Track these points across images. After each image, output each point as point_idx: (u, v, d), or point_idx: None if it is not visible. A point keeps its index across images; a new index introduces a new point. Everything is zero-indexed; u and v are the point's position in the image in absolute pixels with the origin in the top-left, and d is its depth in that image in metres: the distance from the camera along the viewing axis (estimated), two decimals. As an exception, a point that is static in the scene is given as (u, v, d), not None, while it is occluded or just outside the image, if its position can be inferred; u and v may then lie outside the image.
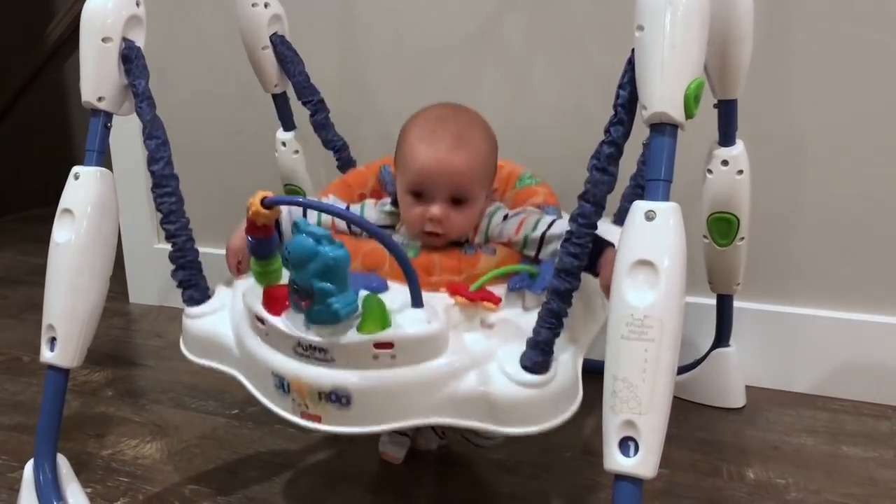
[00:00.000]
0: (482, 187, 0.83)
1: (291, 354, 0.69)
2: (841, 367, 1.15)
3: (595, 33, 1.17)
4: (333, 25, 1.32)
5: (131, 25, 0.84)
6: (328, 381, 0.67)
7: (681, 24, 0.60)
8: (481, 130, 0.84)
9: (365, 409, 0.67)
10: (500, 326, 0.72)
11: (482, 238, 0.84)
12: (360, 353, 0.66)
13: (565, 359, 0.70)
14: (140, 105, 0.83)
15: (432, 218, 0.80)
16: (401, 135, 0.85)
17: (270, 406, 0.72)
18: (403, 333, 0.66)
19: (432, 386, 0.67)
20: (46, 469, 0.84)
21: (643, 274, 0.61)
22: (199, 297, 0.83)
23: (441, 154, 0.79)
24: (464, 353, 0.69)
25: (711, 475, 0.97)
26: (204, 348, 0.81)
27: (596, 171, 0.66)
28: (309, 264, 0.64)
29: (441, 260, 0.79)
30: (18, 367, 1.33)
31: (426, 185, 0.80)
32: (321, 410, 0.68)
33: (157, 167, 0.82)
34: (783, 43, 1.09)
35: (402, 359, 0.67)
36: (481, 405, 0.67)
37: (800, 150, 1.12)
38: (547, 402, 0.68)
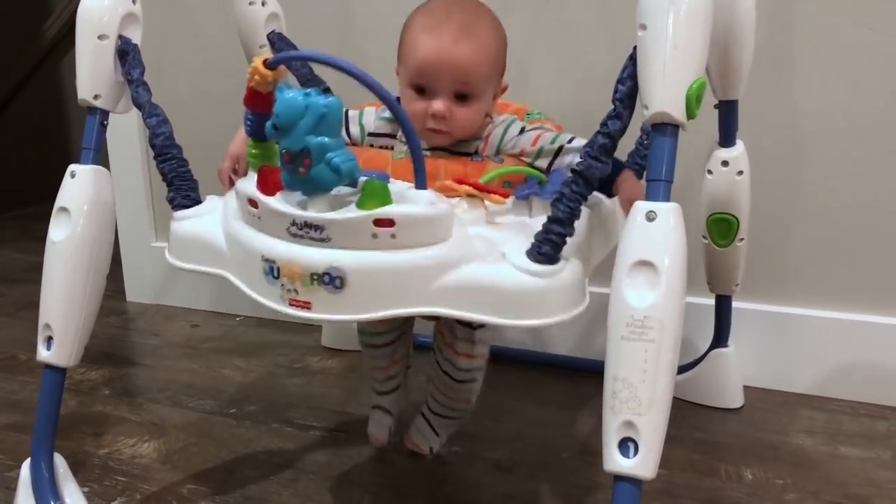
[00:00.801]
0: (488, 83, 0.79)
1: (284, 236, 0.65)
2: (839, 368, 1.15)
3: (594, 32, 1.17)
4: (331, 23, 1.32)
5: (127, 23, 0.83)
6: (322, 261, 0.63)
7: (683, 24, 0.60)
8: (489, 22, 0.79)
9: (359, 294, 0.64)
10: (507, 227, 0.70)
11: (493, 150, 0.81)
12: (359, 230, 0.63)
13: (574, 260, 0.67)
14: (136, 90, 0.82)
15: (434, 114, 0.76)
16: (404, 26, 0.80)
17: (256, 297, 0.68)
18: (406, 210, 0.63)
19: (433, 271, 0.64)
20: (43, 468, 0.84)
21: (643, 274, 0.61)
22: (188, 203, 0.80)
23: (444, 45, 0.75)
24: (468, 240, 0.66)
25: (710, 475, 0.97)
26: (191, 251, 0.77)
27: (589, 158, 0.65)
28: (300, 121, 0.61)
29: (447, 166, 0.76)
30: (15, 365, 1.32)
31: (429, 78, 0.76)
32: (312, 295, 0.64)
33: (158, 140, 0.81)
34: (784, 44, 1.09)
35: (403, 239, 0.63)
36: (484, 295, 0.64)
37: (799, 152, 1.12)
38: (554, 293, 0.64)
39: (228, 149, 0.83)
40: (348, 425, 1.10)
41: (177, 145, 0.82)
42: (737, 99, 0.93)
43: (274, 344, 1.38)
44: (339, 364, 1.30)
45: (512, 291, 0.64)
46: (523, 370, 1.25)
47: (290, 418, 1.12)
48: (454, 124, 0.78)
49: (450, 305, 0.64)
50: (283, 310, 0.66)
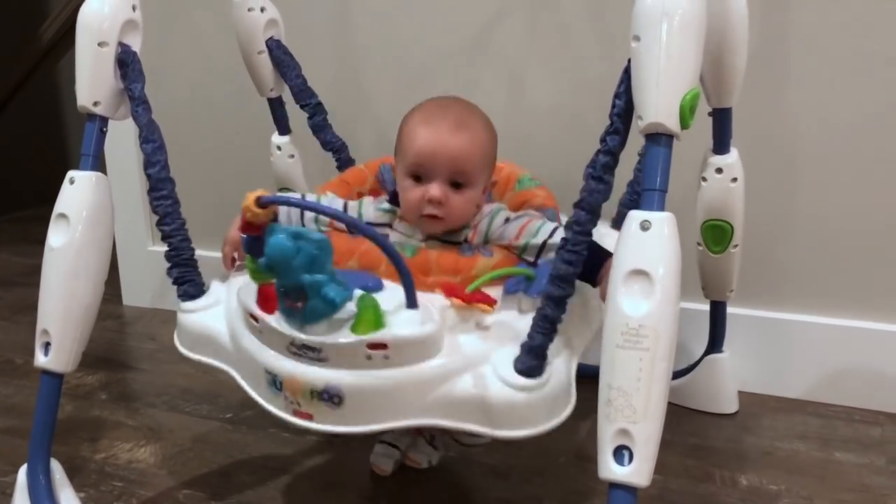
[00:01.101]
0: (481, 173, 0.83)
1: (285, 353, 0.69)
2: (833, 373, 1.16)
3: (590, 40, 1.18)
4: (329, 31, 1.32)
5: (127, 30, 0.84)
6: (320, 380, 0.67)
7: (677, 34, 0.61)
8: (481, 119, 0.85)
9: (357, 409, 0.68)
10: (496, 329, 0.72)
11: (481, 239, 0.84)
12: (354, 353, 0.66)
13: (559, 363, 0.70)
14: (136, 109, 0.83)
15: (431, 199, 0.80)
16: (401, 124, 0.85)
17: (263, 403, 0.73)
18: (397, 335, 0.67)
19: (425, 387, 0.68)
20: (40, 473, 0.84)
21: (638, 283, 0.61)
22: (193, 292, 0.83)
23: (441, 135, 0.80)
24: (458, 354, 0.69)
25: (704, 481, 0.97)
26: (198, 343, 0.81)
27: (592, 180, 0.66)
28: (293, 262, 0.63)
29: (438, 260, 0.79)
30: (11, 369, 1.32)
31: (426, 165, 0.81)
32: (313, 409, 0.68)
33: (153, 171, 0.83)
34: (778, 52, 1.10)
35: (396, 359, 0.67)
36: (474, 407, 0.68)
37: (793, 158, 1.13)
38: (540, 405, 0.68)
39: (228, 235, 0.85)
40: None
41: (170, 179, 0.83)
42: (731, 106, 0.94)
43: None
44: (335, 369, 1.30)
45: (499, 406, 0.67)
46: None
47: (286, 424, 1.12)
48: (449, 210, 0.81)
49: (442, 417, 0.68)
50: (289, 419, 0.70)
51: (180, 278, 0.83)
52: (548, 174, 1.00)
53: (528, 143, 1.18)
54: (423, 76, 1.28)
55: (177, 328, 0.84)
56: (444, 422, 0.68)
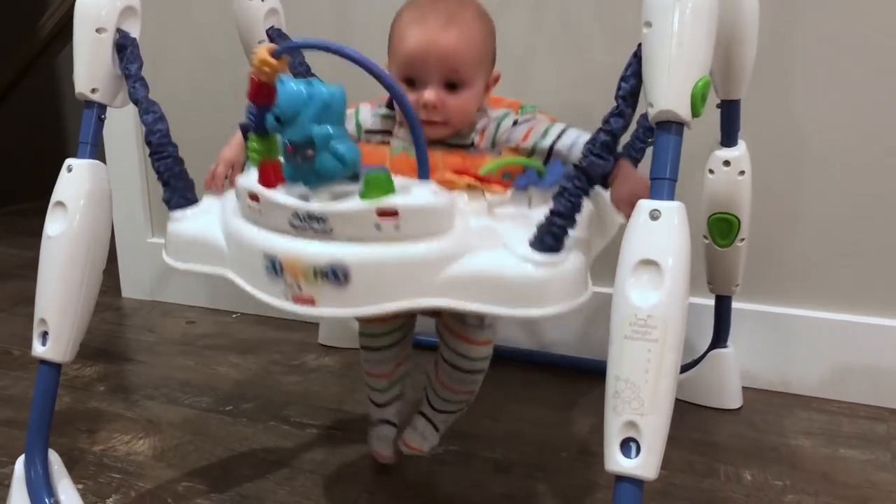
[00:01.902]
0: (478, 70, 0.78)
1: (286, 230, 0.64)
2: (838, 369, 1.15)
3: (595, 31, 1.17)
4: (330, 19, 1.31)
5: (126, 16, 0.83)
6: (325, 256, 0.62)
7: (689, 21, 0.60)
8: (474, 11, 0.80)
9: (363, 287, 0.63)
10: (508, 216, 0.70)
11: (489, 143, 0.80)
12: (362, 222, 0.62)
13: (576, 251, 0.66)
14: (133, 85, 0.81)
15: (426, 103, 0.76)
16: (392, 22, 0.81)
17: (259, 295, 0.67)
18: (409, 201, 0.62)
19: (438, 263, 0.63)
20: (38, 465, 0.83)
21: (647, 274, 0.60)
22: (185, 202, 0.79)
23: (431, 34, 0.75)
24: (471, 231, 0.66)
25: (708, 476, 0.96)
26: (189, 251, 0.76)
27: (591, 155, 0.64)
28: (304, 110, 0.60)
29: (444, 158, 0.76)
30: (9, 361, 1.31)
31: (417, 68, 0.76)
32: (315, 291, 0.63)
33: (154, 137, 0.80)
34: (787, 45, 1.09)
35: (407, 231, 0.62)
36: (489, 285, 0.63)
37: (801, 152, 1.12)
38: (557, 283, 0.64)
39: (223, 153, 0.82)
40: (345, 423, 1.09)
41: (173, 143, 0.81)
42: (739, 99, 0.93)
43: (270, 341, 1.37)
44: (335, 361, 1.29)
45: (515, 281, 0.63)
46: (522, 370, 1.24)
47: (286, 416, 1.11)
48: (447, 113, 0.77)
49: (454, 297, 0.64)
50: (288, 307, 0.65)
51: (172, 189, 0.79)
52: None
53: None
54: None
55: (166, 239, 0.79)
56: (456, 303, 0.64)
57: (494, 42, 0.82)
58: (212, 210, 0.77)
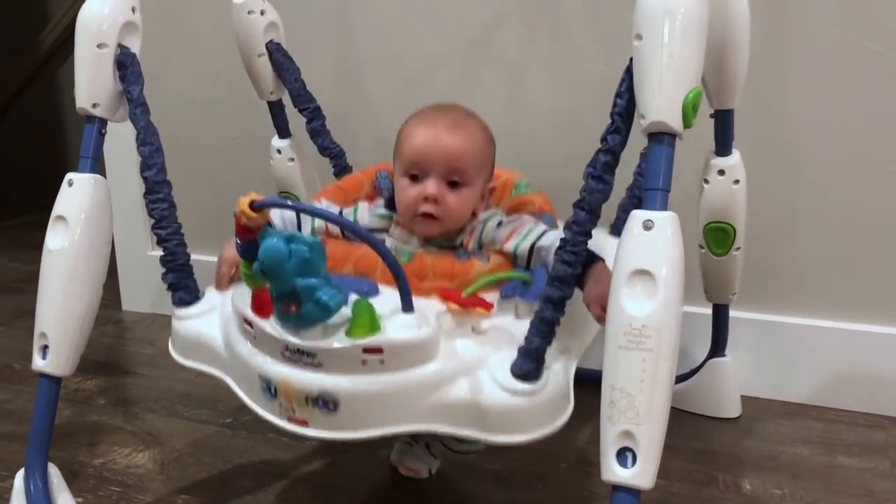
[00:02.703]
0: (478, 173, 0.83)
1: (279, 358, 0.69)
2: (836, 378, 1.15)
3: (590, 42, 1.17)
4: (329, 34, 1.32)
5: (127, 31, 0.84)
6: (315, 386, 0.66)
7: (679, 33, 0.60)
8: (478, 121, 0.86)
9: (352, 415, 0.67)
10: (492, 334, 0.72)
11: (476, 244, 0.84)
12: (349, 358, 0.66)
13: (557, 368, 0.70)
14: (134, 111, 0.82)
15: (427, 196, 0.80)
16: (400, 129, 0.86)
17: (257, 410, 0.72)
18: (392, 339, 0.66)
19: (421, 392, 0.67)
20: (37, 478, 0.83)
21: (641, 283, 0.61)
22: (188, 298, 0.83)
23: (438, 133, 0.81)
24: (454, 359, 0.68)
25: (707, 485, 0.96)
26: (192, 350, 0.81)
27: (592, 180, 0.65)
28: (285, 265, 0.63)
29: (434, 265, 0.78)
30: (9, 374, 1.31)
31: (423, 163, 0.81)
32: (308, 415, 0.68)
33: (149, 173, 0.82)
34: (780, 53, 1.10)
35: (392, 364, 0.66)
36: (471, 413, 0.67)
37: (796, 161, 1.13)
38: (537, 411, 0.68)
39: (224, 255, 0.84)
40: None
41: (167, 182, 0.83)
42: (732, 108, 0.94)
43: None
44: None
45: (497, 411, 0.67)
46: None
47: (286, 431, 1.11)
48: (445, 209, 0.81)
49: (438, 423, 0.68)
50: (283, 425, 0.70)
51: (175, 284, 0.83)
52: (548, 176, 1.00)
53: (529, 144, 1.18)
54: (423, 79, 1.27)
55: (171, 335, 0.84)
56: (441, 427, 0.68)
57: (494, 154, 0.87)
58: (214, 308, 0.81)
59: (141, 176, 0.83)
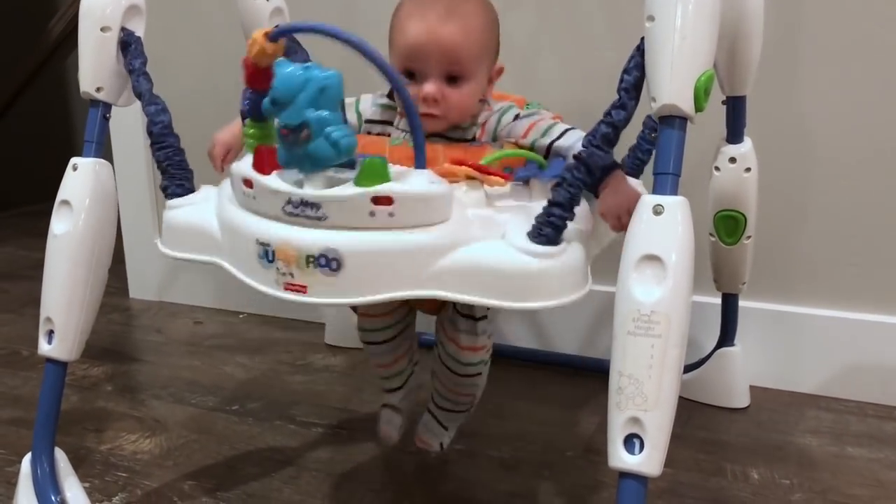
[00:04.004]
0: (480, 63, 0.77)
1: (280, 217, 0.64)
2: (846, 368, 1.14)
3: (601, 29, 1.16)
4: (335, 18, 1.31)
5: (130, 15, 0.83)
6: (318, 243, 0.62)
7: (692, 14, 0.59)
8: (477, 2, 0.79)
9: (356, 276, 0.62)
10: (507, 208, 0.69)
11: (490, 137, 0.80)
12: (356, 208, 0.61)
13: (575, 244, 0.65)
14: (137, 80, 0.81)
15: (426, 97, 0.75)
16: (393, 14, 0.80)
17: (251, 283, 0.67)
18: (404, 188, 0.62)
19: (432, 252, 0.62)
20: (44, 463, 0.83)
21: (651, 269, 0.60)
22: (181, 192, 0.79)
23: (431, 26, 0.74)
24: (468, 222, 0.65)
25: (715, 475, 0.96)
26: (184, 240, 0.76)
27: (591, 146, 0.64)
28: (300, 94, 0.60)
29: (445, 151, 0.74)
30: (18, 361, 1.32)
31: (417, 61, 0.76)
32: (307, 279, 0.62)
33: (156, 128, 0.80)
34: (794, 40, 1.08)
35: (401, 219, 0.61)
36: (485, 277, 0.62)
37: (808, 149, 1.11)
38: (555, 275, 0.63)
39: (217, 136, 0.82)
40: (351, 423, 1.09)
41: (174, 134, 0.81)
42: (745, 95, 0.92)
43: (277, 341, 1.37)
44: (342, 362, 1.29)
45: (513, 273, 0.62)
46: (527, 369, 1.24)
47: (292, 415, 1.11)
48: (447, 107, 0.76)
49: (449, 288, 0.63)
50: (279, 294, 0.64)
51: (169, 178, 0.79)
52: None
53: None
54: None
55: (162, 228, 0.79)
56: (452, 294, 0.62)
57: (497, 34, 0.81)
58: (209, 198, 0.77)
59: (147, 132, 0.80)
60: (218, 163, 0.81)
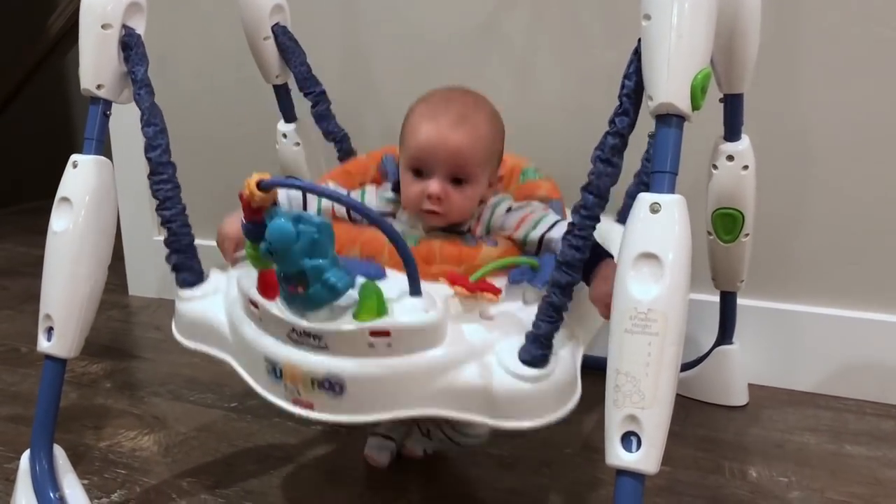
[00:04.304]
0: (483, 169, 0.82)
1: (285, 340, 0.68)
2: (844, 366, 1.14)
3: (598, 28, 1.16)
4: (335, 17, 1.31)
5: (131, 12, 0.83)
6: (321, 368, 0.66)
7: (688, 13, 0.59)
8: (486, 112, 0.83)
9: (358, 398, 0.66)
10: (500, 319, 0.71)
11: (484, 230, 0.83)
12: (356, 340, 0.65)
13: (564, 354, 0.69)
14: (139, 92, 0.82)
15: (431, 195, 0.79)
16: (406, 115, 0.84)
17: (262, 392, 0.72)
18: (400, 322, 0.65)
19: (428, 376, 0.66)
20: (43, 460, 0.83)
21: (648, 267, 0.60)
22: (192, 280, 0.82)
23: (442, 130, 0.79)
24: (462, 343, 0.68)
25: (713, 473, 0.96)
26: (196, 332, 0.80)
27: (600, 163, 0.65)
28: (293, 246, 0.62)
29: (441, 249, 0.78)
30: (17, 358, 1.32)
31: (426, 160, 0.79)
32: (313, 398, 0.67)
33: (154, 154, 0.81)
34: (791, 38, 1.08)
35: (399, 347, 0.65)
36: (478, 398, 0.66)
37: (806, 147, 1.11)
38: (545, 396, 0.67)
39: (225, 230, 0.83)
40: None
41: (171, 163, 0.82)
42: (742, 93, 0.93)
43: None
44: (341, 359, 1.29)
45: (504, 396, 0.66)
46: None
47: (291, 413, 1.11)
48: (449, 207, 0.80)
49: (445, 407, 0.67)
50: (288, 407, 0.69)
51: (179, 265, 0.82)
52: (556, 164, 0.99)
53: (536, 133, 1.16)
54: (430, 65, 1.27)
55: (175, 316, 0.83)
56: (448, 412, 0.67)
57: (502, 143, 0.85)
58: (219, 289, 0.81)
59: (145, 157, 0.82)
60: (229, 257, 0.84)
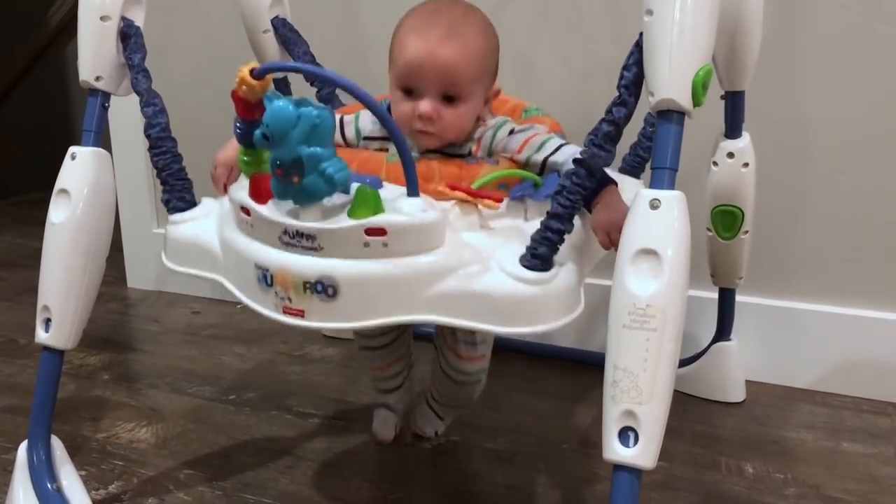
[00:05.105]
0: (477, 85, 0.77)
1: (277, 244, 0.65)
2: (842, 363, 1.14)
3: (600, 23, 1.16)
4: (335, 8, 1.31)
5: (130, 4, 0.83)
6: (314, 270, 0.63)
7: (691, 8, 0.59)
8: (478, 23, 0.78)
9: (352, 302, 0.64)
10: (501, 230, 0.69)
11: (485, 152, 0.79)
12: (350, 239, 0.62)
13: (568, 266, 0.66)
14: (135, 77, 0.81)
15: (421, 115, 0.74)
16: (394, 31, 0.79)
17: (251, 304, 0.69)
18: (397, 220, 0.63)
19: (425, 279, 0.64)
20: (40, 451, 0.83)
21: (647, 263, 0.60)
22: (183, 206, 0.80)
23: (430, 45, 0.73)
24: (461, 248, 0.65)
25: (710, 469, 0.96)
26: (186, 255, 0.78)
27: (593, 146, 0.64)
28: (292, 131, 0.59)
29: (440, 167, 0.74)
30: (15, 349, 1.32)
31: (415, 78, 0.75)
32: (305, 303, 0.64)
33: (153, 131, 0.80)
34: (792, 35, 1.08)
35: (395, 248, 0.63)
36: (477, 302, 0.63)
37: (806, 144, 1.11)
38: (547, 301, 0.64)
39: (219, 157, 0.82)
40: (347, 413, 1.09)
41: (171, 138, 0.81)
42: (743, 90, 0.92)
43: (274, 332, 1.37)
44: (339, 353, 1.29)
45: (504, 299, 0.63)
46: (524, 362, 1.24)
47: (289, 406, 1.11)
48: (442, 126, 0.75)
49: (442, 313, 0.64)
50: (277, 317, 0.66)
51: (171, 192, 0.79)
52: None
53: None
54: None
55: (165, 243, 0.80)
56: (446, 318, 0.64)
57: (497, 55, 0.81)
58: (210, 213, 0.79)
59: (144, 135, 0.81)
60: (220, 185, 0.81)
